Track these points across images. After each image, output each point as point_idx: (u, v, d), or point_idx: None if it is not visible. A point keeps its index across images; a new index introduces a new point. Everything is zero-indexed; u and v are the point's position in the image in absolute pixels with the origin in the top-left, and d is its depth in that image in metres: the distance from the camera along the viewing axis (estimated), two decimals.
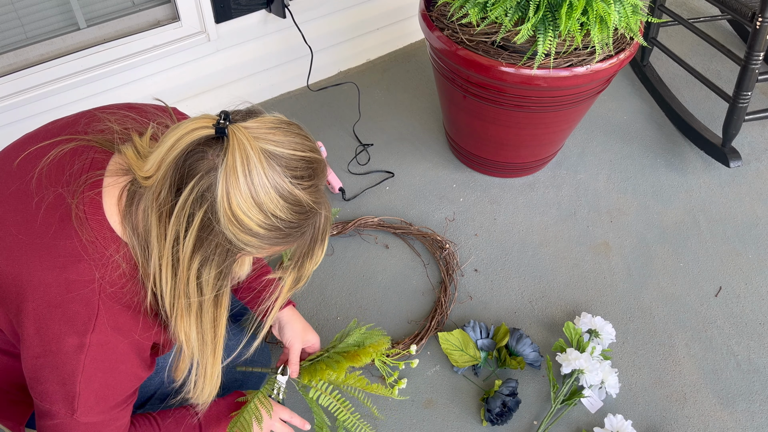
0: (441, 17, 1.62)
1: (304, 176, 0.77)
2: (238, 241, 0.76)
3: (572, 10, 1.40)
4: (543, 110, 1.61)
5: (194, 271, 0.78)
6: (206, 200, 0.74)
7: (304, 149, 0.77)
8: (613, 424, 1.35)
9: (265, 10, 1.96)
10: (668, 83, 2.27)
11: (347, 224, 1.75)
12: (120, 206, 0.81)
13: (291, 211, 0.76)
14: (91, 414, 0.84)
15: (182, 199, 0.74)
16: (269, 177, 0.73)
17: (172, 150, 0.74)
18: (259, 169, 0.72)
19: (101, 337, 0.80)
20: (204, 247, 0.77)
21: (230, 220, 0.74)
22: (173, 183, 0.75)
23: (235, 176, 0.71)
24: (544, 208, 1.86)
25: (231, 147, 0.72)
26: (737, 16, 1.75)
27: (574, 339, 1.46)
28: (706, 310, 1.62)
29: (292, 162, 0.75)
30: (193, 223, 0.75)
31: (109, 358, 0.82)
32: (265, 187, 0.73)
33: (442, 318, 1.55)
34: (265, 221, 0.75)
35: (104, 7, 1.72)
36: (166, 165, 0.74)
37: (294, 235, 0.80)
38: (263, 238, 0.77)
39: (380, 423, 1.39)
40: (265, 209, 0.74)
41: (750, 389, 1.46)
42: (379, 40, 2.34)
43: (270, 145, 0.74)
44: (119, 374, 0.85)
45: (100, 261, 0.79)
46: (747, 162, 2.00)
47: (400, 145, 2.04)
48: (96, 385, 0.82)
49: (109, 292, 0.80)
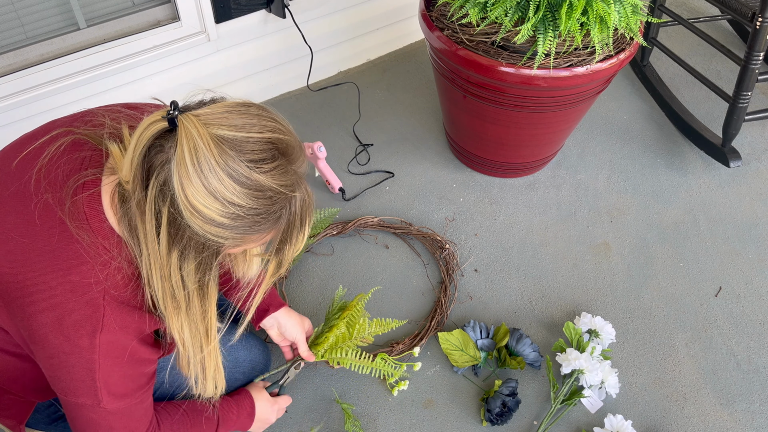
0: (441, 17, 1.62)
1: (264, 159, 0.73)
2: (206, 233, 0.74)
3: (572, 10, 1.40)
4: (543, 110, 1.61)
5: (175, 265, 0.78)
6: (167, 195, 0.72)
7: (263, 130, 0.74)
8: (613, 424, 1.35)
9: (265, 10, 1.96)
10: (668, 83, 2.27)
11: (347, 224, 1.75)
12: (114, 207, 0.81)
13: (251, 197, 0.73)
14: (117, 401, 0.85)
15: (149, 195, 0.73)
16: (220, 164, 0.70)
17: (137, 148, 0.73)
18: (208, 156, 0.69)
19: (110, 336, 0.81)
20: (177, 241, 0.76)
21: (191, 212, 0.72)
22: (142, 181, 0.74)
23: (185, 167, 0.69)
24: (544, 208, 1.86)
25: (179, 137, 0.70)
26: (737, 16, 1.75)
27: (574, 339, 1.46)
28: (706, 310, 1.62)
29: (247, 145, 0.72)
30: (162, 220, 0.74)
31: (121, 353, 0.83)
32: (217, 175, 0.70)
33: (442, 318, 1.55)
34: (224, 210, 0.72)
35: (104, 7, 1.72)
36: (135, 164, 0.74)
37: (265, 222, 0.77)
38: (230, 228, 0.74)
39: (380, 423, 1.39)
40: (220, 197, 0.71)
41: (750, 389, 1.46)
42: (379, 40, 2.34)
43: (222, 130, 0.71)
44: (134, 364, 0.86)
45: (103, 263, 0.80)
46: (747, 162, 2.00)
47: (400, 145, 2.04)
48: (115, 377, 0.84)
49: (113, 294, 0.80)
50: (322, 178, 1.88)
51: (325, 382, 1.45)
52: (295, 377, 1.44)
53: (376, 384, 1.45)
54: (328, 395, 1.43)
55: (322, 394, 1.43)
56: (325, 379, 1.45)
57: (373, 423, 1.39)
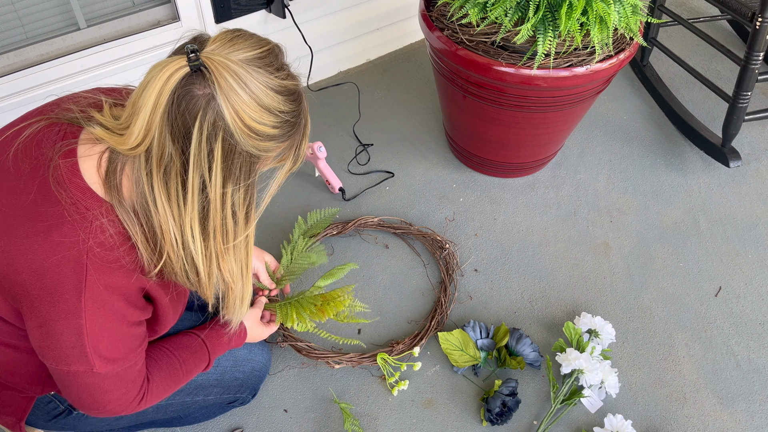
0: (441, 17, 1.62)
1: (278, 67, 0.80)
2: (260, 151, 0.80)
3: (572, 10, 1.40)
4: (543, 110, 1.61)
5: (229, 203, 0.82)
6: (219, 129, 0.75)
7: (262, 44, 0.80)
8: (612, 424, 1.35)
9: (265, 10, 1.96)
10: (668, 83, 2.27)
11: (347, 224, 1.75)
12: (100, 174, 0.81)
13: (289, 101, 0.81)
14: (109, 364, 0.85)
15: (195, 142, 0.75)
16: (260, 81, 0.77)
17: (157, 107, 0.74)
18: (249, 77, 0.75)
19: (94, 296, 0.80)
20: (231, 174, 0.80)
21: (248, 135, 0.77)
22: (176, 134, 0.75)
23: (234, 93, 0.74)
24: (544, 208, 1.86)
25: (216, 71, 0.74)
26: (737, 16, 1.75)
27: (574, 339, 1.46)
28: (706, 310, 1.62)
29: (265, 59, 0.79)
30: (215, 158, 0.77)
31: (108, 315, 0.83)
32: (263, 90, 0.77)
33: (442, 318, 1.55)
34: (277, 120, 0.79)
35: (104, 7, 1.72)
36: (158, 123, 0.75)
37: (299, 124, 0.85)
38: (278, 137, 0.81)
39: (380, 423, 1.39)
40: (273, 109, 0.78)
41: (750, 389, 1.46)
42: (379, 40, 2.35)
43: (241, 54, 0.77)
44: (122, 327, 0.86)
45: (84, 222, 0.79)
46: (747, 162, 2.00)
47: (400, 145, 2.04)
48: (104, 341, 0.83)
49: (96, 252, 0.80)
50: (322, 178, 1.88)
51: (324, 382, 1.45)
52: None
53: (375, 384, 1.45)
54: (327, 395, 1.43)
55: (321, 394, 1.43)
56: (324, 379, 1.45)
57: (372, 423, 1.39)
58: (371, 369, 1.48)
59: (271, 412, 1.40)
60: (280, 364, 1.47)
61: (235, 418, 1.38)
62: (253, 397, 1.36)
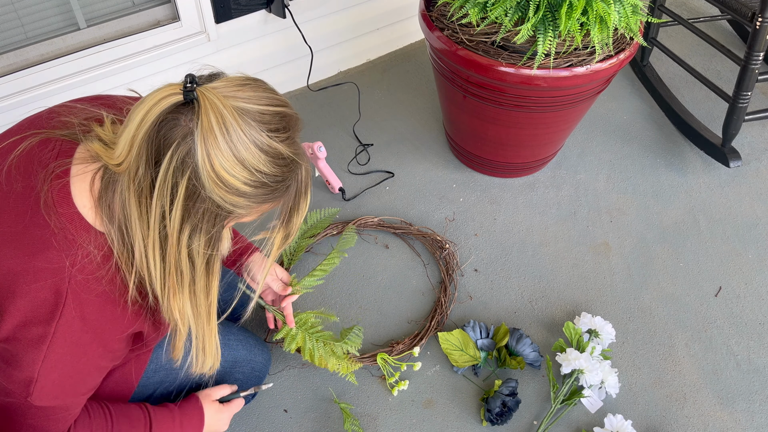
0: (441, 17, 1.62)
1: (279, 129, 0.77)
2: (226, 203, 0.76)
3: (572, 10, 1.40)
4: (543, 110, 1.61)
5: (184, 243, 0.78)
6: (188, 166, 0.72)
7: (275, 103, 0.78)
8: (613, 424, 1.35)
9: (265, 10, 1.96)
10: (668, 83, 2.27)
11: (347, 224, 1.75)
12: (93, 194, 0.80)
13: (273, 164, 0.77)
14: (46, 399, 0.83)
15: (162, 171, 0.73)
16: (246, 133, 0.73)
17: (142, 125, 0.73)
18: (235, 126, 0.72)
19: (66, 326, 0.79)
20: (192, 216, 0.76)
21: (215, 182, 0.73)
22: (150, 157, 0.73)
23: (213, 136, 0.71)
24: (544, 208, 1.86)
25: (204, 108, 0.71)
26: (737, 16, 1.75)
27: (574, 339, 1.46)
28: (706, 310, 1.62)
29: (265, 116, 0.75)
30: (178, 194, 0.74)
31: (72, 349, 0.81)
32: (244, 143, 0.73)
33: (442, 318, 1.55)
34: (251, 178, 0.75)
35: (104, 7, 1.72)
36: (139, 141, 0.73)
37: (280, 190, 0.80)
38: (251, 196, 0.77)
39: (380, 423, 1.39)
40: (249, 165, 0.74)
41: (750, 389, 1.46)
42: (379, 40, 2.35)
43: (241, 102, 0.74)
44: (81, 366, 0.84)
45: (71, 249, 0.78)
46: (747, 162, 2.00)
47: (400, 145, 2.04)
48: (55, 375, 0.81)
49: (79, 279, 0.78)
50: (322, 178, 1.88)
51: (324, 382, 1.45)
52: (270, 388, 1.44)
53: (375, 384, 1.45)
54: (327, 395, 1.43)
55: (321, 394, 1.43)
56: (324, 379, 1.45)
57: (372, 423, 1.39)
58: (371, 369, 1.48)
59: (271, 412, 1.40)
60: (280, 364, 1.47)
61: (235, 417, 1.37)
62: (253, 397, 1.36)
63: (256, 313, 1.57)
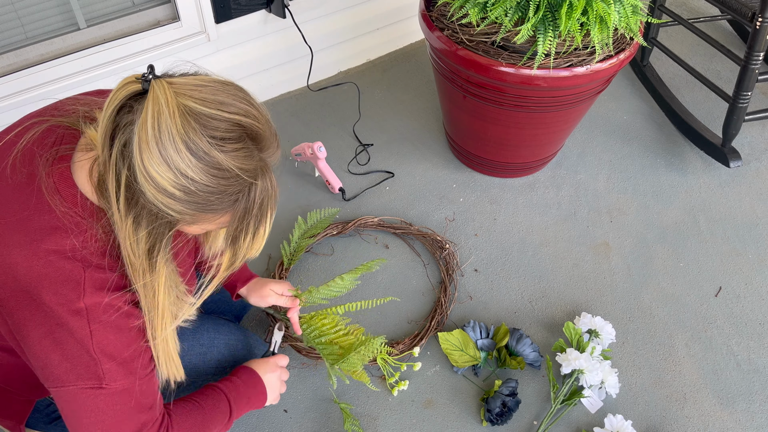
0: (441, 17, 1.62)
1: (227, 138, 0.72)
2: (158, 202, 0.73)
3: (572, 10, 1.40)
4: (543, 110, 1.61)
5: (130, 230, 0.77)
6: (126, 157, 0.72)
7: (233, 111, 0.73)
8: (613, 424, 1.35)
9: (265, 10, 1.96)
10: (668, 83, 2.27)
11: (347, 224, 1.75)
12: (92, 179, 0.80)
13: (206, 173, 0.72)
14: (119, 377, 0.81)
15: (112, 156, 0.73)
16: (181, 134, 0.69)
17: (106, 110, 0.73)
18: (170, 124, 0.69)
19: (94, 298, 0.78)
20: (132, 205, 0.75)
21: (144, 177, 0.71)
22: (108, 141, 0.74)
23: (145, 131, 0.69)
24: (544, 208, 1.86)
25: (147, 101, 0.70)
26: (737, 16, 1.75)
27: (574, 339, 1.46)
28: (706, 310, 1.62)
29: (213, 122, 0.71)
30: (121, 181, 0.73)
31: (111, 316, 0.80)
32: (174, 144, 0.69)
33: (442, 318, 1.55)
34: (176, 181, 0.71)
35: (104, 7, 1.72)
36: (105, 122, 0.73)
37: (219, 203, 0.76)
38: (181, 201, 0.73)
39: (380, 423, 1.39)
40: (174, 167, 0.70)
41: (750, 389, 1.46)
42: (379, 40, 2.34)
43: (191, 102, 0.71)
44: (129, 330, 0.82)
45: (76, 229, 0.78)
46: (747, 162, 2.00)
47: (400, 145, 2.04)
48: (111, 347, 0.80)
49: (89, 259, 0.78)
50: (322, 178, 1.88)
51: (324, 382, 1.45)
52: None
53: (375, 384, 1.45)
54: (327, 395, 1.43)
55: (321, 394, 1.43)
56: (324, 379, 1.45)
57: (372, 423, 1.39)
58: (371, 369, 1.48)
59: (271, 412, 1.40)
60: None
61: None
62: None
63: (256, 313, 1.57)
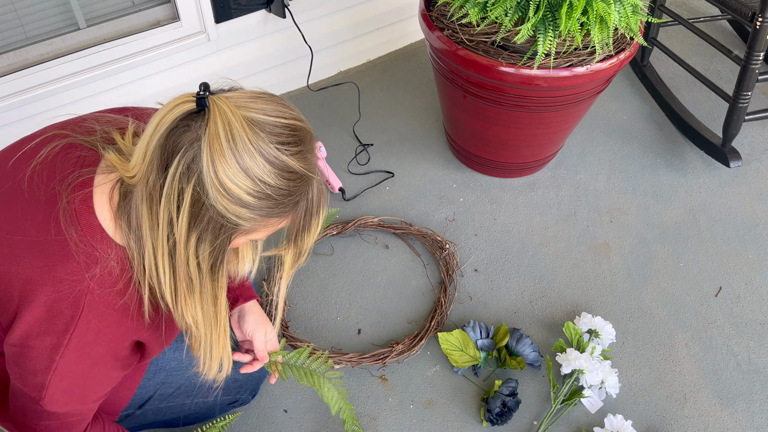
0: (441, 17, 1.62)
1: (289, 142, 0.76)
2: (230, 213, 0.75)
3: (572, 10, 1.40)
4: (543, 110, 1.61)
5: (192, 251, 0.77)
6: (193, 173, 0.72)
7: (288, 116, 0.77)
8: (613, 424, 1.35)
9: (265, 10, 1.96)
10: (668, 83, 2.27)
11: (347, 224, 1.75)
12: (112, 205, 0.80)
13: (279, 177, 0.75)
14: (56, 405, 0.85)
15: (170, 176, 0.73)
16: (253, 142, 0.72)
17: (155, 132, 0.73)
18: (242, 134, 0.72)
19: (80, 338, 0.80)
20: (197, 223, 0.76)
21: (218, 190, 0.72)
22: (161, 164, 0.74)
23: (218, 143, 0.71)
24: (544, 208, 1.86)
25: (213, 115, 0.71)
26: (737, 16, 1.75)
27: (574, 339, 1.46)
28: (706, 310, 1.62)
29: (276, 129, 0.75)
30: (184, 200, 0.74)
31: (84, 361, 0.82)
32: (250, 152, 0.72)
33: (442, 318, 1.55)
34: (254, 188, 0.74)
35: (104, 7, 1.72)
36: (152, 149, 0.73)
37: (286, 205, 0.79)
38: (254, 208, 0.75)
39: (380, 423, 1.39)
40: (252, 175, 0.73)
41: (750, 389, 1.46)
42: (379, 40, 2.34)
43: (252, 113, 0.74)
44: (92, 376, 0.85)
45: (90, 261, 0.79)
46: (747, 162, 2.00)
47: (400, 145, 2.04)
48: (66, 383, 0.83)
49: (97, 293, 0.79)
50: (322, 178, 1.88)
51: None
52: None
53: (375, 384, 1.45)
54: None
55: None
56: None
57: (372, 423, 1.39)
58: (371, 369, 1.48)
59: (271, 412, 1.40)
60: None
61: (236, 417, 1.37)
62: (253, 398, 1.36)
63: None
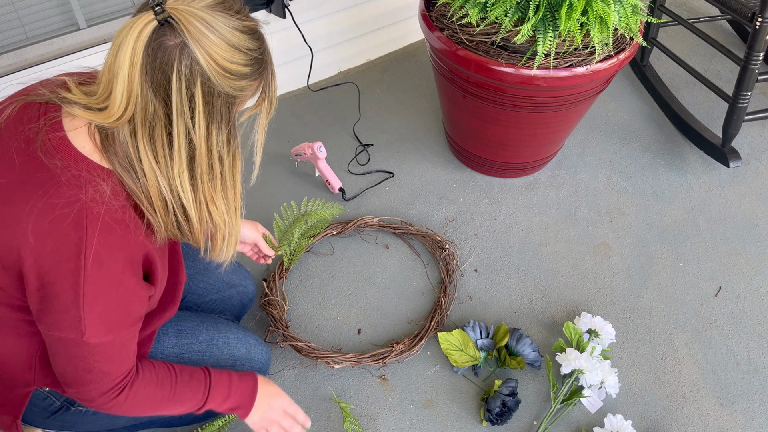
0: (441, 17, 1.62)
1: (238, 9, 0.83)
2: (235, 90, 0.83)
3: (572, 10, 1.40)
4: (543, 110, 1.61)
5: (214, 146, 0.83)
6: (196, 74, 0.78)
7: None
8: (613, 424, 1.35)
9: (265, 10, 1.96)
10: (668, 83, 2.27)
11: (347, 224, 1.75)
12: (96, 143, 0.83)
13: (253, 39, 0.83)
14: (99, 334, 0.85)
15: (175, 92, 0.77)
16: (225, 23, 0.79)
17: (134, 66, 0.76)
18: (216, 21, 0.78)
19: (94, 256, 0.81)
20: (213, 117, 0.82)
21: (224, 75, 0.80)
22: (158, 88, 0.77)
23: (205, 38, 0.77)
24: (544, 208, 1.86)
25: (183, 19, 0.76)
26: (737, 16, 1.75)
27: (574, 339, 1.46)
28: (706, 310, 1.62)
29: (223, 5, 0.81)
30: (196, 104, 0.79)
31: (107, 282, 0.83)
32: (230, 32, 0.79)
33: (442, 318, 1.55)
34: (246, 58, 0.82)
35: (104, 7, 1.72)
36: (138, 82, 0.76)
37: (266, 60, 0.88)
38: (251, 75, 0.84)
39: (380, 423, 1.39)
40: (241, 48, 0.81)
41: (750, 389, 1.46)
42: (379, 40, 2.35)
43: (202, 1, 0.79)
44: (121, 295, 0.86)
45: (80, 183, 0.81)
46: (747, 162, 2.00)
47: (400, 145, 2.04)
48: (99, 308, 0.84)
49: (95, 210, 0.81)
50: (322, 178, 1.88)
51: (323, 382, 1.45)
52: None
53: (375, 384, 1.45)
54: (326, 395, 1.43)
55: (321, 393, 1.43)
56: (323, 379, 1.45)
57: (372, 423, 1.39)
58: (371, 369, 1.48)
59: None
60: (280, 364, 1.48)
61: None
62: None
63: (256, 313, 1.57)
